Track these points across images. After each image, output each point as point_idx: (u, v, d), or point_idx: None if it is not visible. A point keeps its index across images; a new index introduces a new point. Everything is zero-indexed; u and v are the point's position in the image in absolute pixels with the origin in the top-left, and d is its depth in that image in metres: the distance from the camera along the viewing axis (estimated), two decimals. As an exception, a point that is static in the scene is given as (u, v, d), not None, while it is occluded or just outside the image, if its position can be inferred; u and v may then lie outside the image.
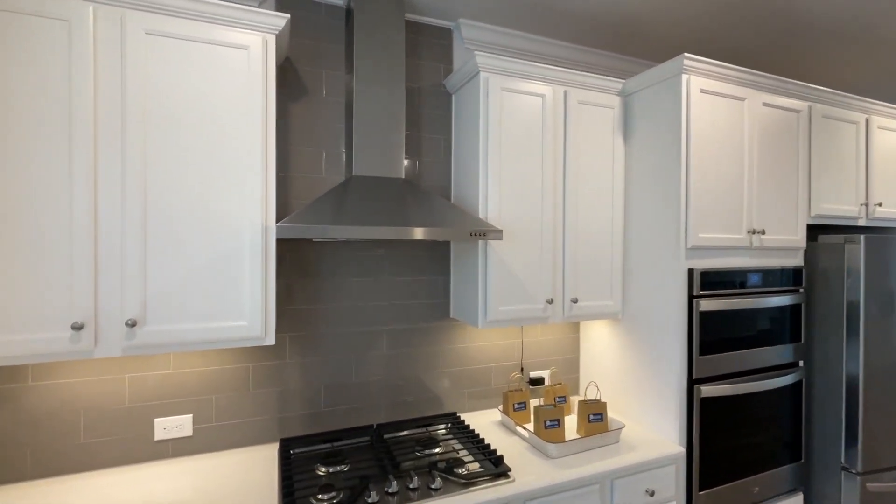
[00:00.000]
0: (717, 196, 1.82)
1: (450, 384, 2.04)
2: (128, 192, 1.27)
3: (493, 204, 1.76)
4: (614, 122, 1.99)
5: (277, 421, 1.76)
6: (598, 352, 2.20)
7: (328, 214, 1.40)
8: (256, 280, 1.41)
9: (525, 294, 1.81)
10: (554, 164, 1.87)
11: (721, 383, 1.80)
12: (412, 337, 1.97)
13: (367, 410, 1.90)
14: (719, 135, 1.82)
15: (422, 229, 1.46)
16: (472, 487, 1.43)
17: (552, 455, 1.64)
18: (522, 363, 2.20)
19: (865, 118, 2.23)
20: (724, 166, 1.83)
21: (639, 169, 1.95)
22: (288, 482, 1.40)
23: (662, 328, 1.83)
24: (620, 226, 2.01)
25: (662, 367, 1.83)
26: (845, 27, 2.07)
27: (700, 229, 1.78)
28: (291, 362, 1.78)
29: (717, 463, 1.80)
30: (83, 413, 1.51)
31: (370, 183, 1.65)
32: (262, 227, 1.41)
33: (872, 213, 2.25)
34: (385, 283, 1.93)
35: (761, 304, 1.90)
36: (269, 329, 1.44)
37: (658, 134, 1.85)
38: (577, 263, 1.91)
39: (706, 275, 1.78)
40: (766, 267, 1.93)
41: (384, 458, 1.57)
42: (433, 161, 2.01)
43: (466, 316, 1.88)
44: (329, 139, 1.83)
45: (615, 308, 2.00)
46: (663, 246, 1.82)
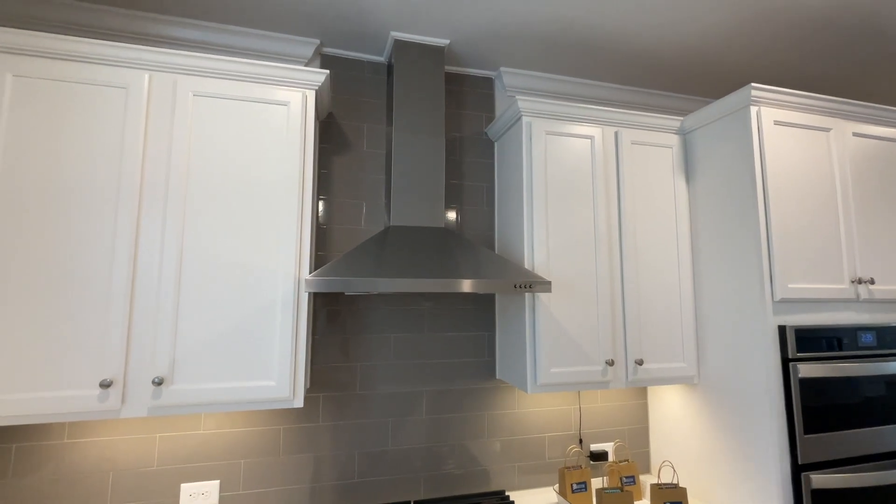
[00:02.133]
0: (806, 240, 1.56)
1: (497, 455, 1.81)
2: (166, 249, 1.27)
3: (539, 254, 1.61)
4: (674, 163, 1.82)
5: (308, 491, 1.61)
6: (671, 422, 1.88)
7: (363, 266, 1.32)
8: (287, 336, 1.33)
9: (581, 354, 1.60)
10: (607, 210, 1.71)
11: (837, 471, 1.44)
12: (454, 400, 1.80)
13: (404, 483, 1.71)
14: (801, 170, 1.59)
15: (462, 281, 1.34)
16: None
17: (621, 555, 1.35)
18: (581, 434, 1.93)
19: None
20: (811, 205, 1.58)
21: (706, 212, 1.73)
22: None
23: (751, 397, 1.52)
24: (689, 276, 1.77)
25: (756, 446, 1.50)
26: (946, 46, 1.81)
27: (789, 279, 1.51)
28: (324, 425, 1.65)
29: (844, 580, 1.40)
30: (112, 474, 1.46)
31: (408, 232, 1.58)
32: (294, 281, 1.36)
33: None
34: (425, 340, 1.79)
35: (881, 371, 1.54)
36: (297, 390, 1.34)
37: (727, 173, 1.65)
38: (640, 320, 1.69)
39: (802, 333, 1.49)
40: (881, 324, 1.59)
41: (420, 546, 1.36)
42: (476, 211, 1.92)
43: (514, 378, 1.68)
44: (369, 191, 1.80)
45: (689, 371, 1.72)
46: (745, 299, 1.56)
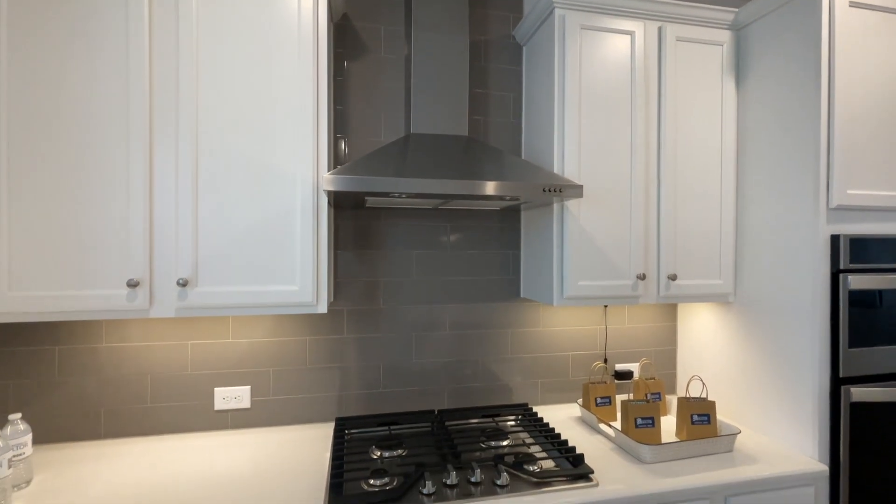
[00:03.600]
0: (872, 142, 1.40)
1: (521, 372, 1.82)
2: (181, 147, 1.23)
3: (570, 164, 1.51)
4: (724, 62, 1.63)
5: (335, 399, 1.66)
6: (701, 344, 1.83)
7: (384, 167, 1.25)
8: (308, 241, 1.30)
9: (610, 267, 1.54)
10: (646, 115, 1.57)
11: (880, 385, 1.38)
12: (478, 317, 1.78)
13: (427, 395, 1.74)
14: (876, 60, 1.40)
15: (489, 183, 1.26)
16: (545, 488, 1.20)
17: (646, 459, 1.35)
18: (606, 354, 1.90)
19: None
20: (881, 101, 1.41)
21: (758, 114, 1.57)
22: (338, 462, 1.28)
23: (793, 312, 1.44)
24: (732, 188, 1.64)
25: (793, 361, 1.44)
26: None
27: (849, 184, 1.37)
28: (349, 338, 1.67)
29: (875, 488, 1.38)
30: (151, 377, 1.52)
31: (430, 140, 1.49)
32: (313, 187, 1.31)
33: None
34: (448, 257, 1.75)
35: (940, 284, 1.43)
36: (320, 296, 1.33)
37: (786, 69, 1.47)
38: (675, 233, 1.59)
39: (858, 243, 1.37)
40: (946, 235, 1.46)
41: (444, 447, 1.39)
42: (502, 121, 1.80)
43: (539, 294, 1.64)
44: (388, 100, 1.70)
45: (725, 289, 1.64)
46: (794, 208, 1.44)
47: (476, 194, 1.25)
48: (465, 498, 1.15)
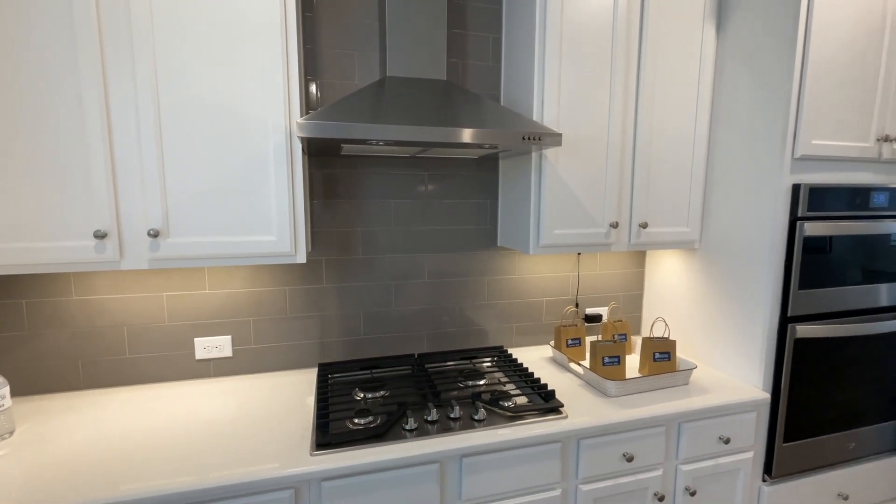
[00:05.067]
0: (842, 94, 1.44)
1: (496, 317, 1.89)
2: (140, 91, 1.14)
3: (549, 110, 1.49)
4: (706, 7, 1.60)
5: (317, 346, 1.70)
6: (666, 289, 1.94)
7: (360, 113, 1.21)
8: (283, 190, 1.27)
9: (585, 216, 1.57)
10: (626, 61, 1.55)
11: (821, 323, 1.51)
12: (456, 265, 1.81)
13: (407, 340, 1.80)
14: (851, 11, 1.41)
15: (469, 130, 1.24)
16: (519, 421, 1.29)
17: (611, 393, 1.46)
18: (577, 298, 2.00)
19: None
20: (852, 54, 1.43)
21: (735, 64, 1.57)
22: (324, 404, 1.33)
23: (751, 257, 1.54)
24: (705, 138, 1.67)
25: (748, 302, 1.55)
26: None
27: (813, 134, 1.42)
28: (329, 287, 1.68)
29: (808, 413, 1.55)
30: (127, 329, 1.51)
31: (408, 83, 1.43)
32: (285, 130, 1.26)
33: None
34: (426, 206, 1.75)
35: (884, 231, 1.54)
36: (298, 245, 1.32)
37: (765, 13, 1.46)
38: (648, 182, 1.63)
39: (816, 192, 1.45)
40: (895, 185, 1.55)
41: (425, 388, 1.47)
42: (480, 64, 1.74)
43: (516, 242, 1.67)
44: (362, 40, 1.60)
45: (691, 236, 1.72)
46: (761, 158, 1.49)
47: (456, 142, 1.24)
48: (445, 432, 1.23)
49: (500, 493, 1.25)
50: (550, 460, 1.29)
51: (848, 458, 1.65)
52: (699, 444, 1.45)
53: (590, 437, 1.32)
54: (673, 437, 1.43)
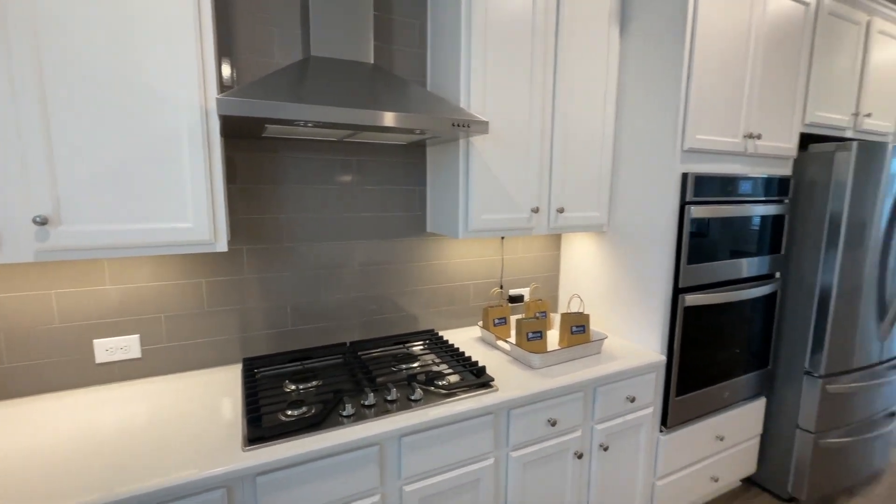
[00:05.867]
0: (718, 96, 1.68)
1: (427, 302, 1.93)
2: (15, 55, 0.98)
3: (475, 99, 1.54)
4: (611, 10, 1.76)
5: (239, 341, 1.61)
6: (579, 269, 2.12)
7: (284, 92, 1.15)
8: (199, 173, 1.18)
9: (510, 202, 1.66)
10: (545, 55, 1.65)
11: (704, 293, 1.77)
12: (386, 252, 1.82)
13: (338, 330, 1.77)
14: (726, 23, 1.64)
15: (399, 115, 1.25)
16: (453, 397, 1.35)
17: (535, 366, 1.58)
18: (502, 280, 2.11)
19: (868, 19, 2.09)
20: (727, 60, 1.67)
21: (636, 65, 1.76)
22: (253, 399, 1.27)
23: (650, 238, 1.75)
24: (611, 129, 1.85)
25: (648, 277, 1.77)
26: None
27: (698, 130, 1.65)
28: (251, 278, 1.59)
29: (694, 370, 1.82)
30: (4, 333, 1.30)
31: (333, 64, 1.39)
32: (200, 108, 1.16)
33: (861, 124, 2.19)
34: (354, 193, 1.72)
35: (749, 213, 1.84)
36: (219, 233, 1.24)
37: (660, 21, 1.64)
38: (564, 170, 1.76)
39: (700, 180, 1.68)
40: (757, 174, 1.85)
41: (359, 374, 1.46)
42: (406, 50, 1.74)
43: (445, 227, 1.72)
44: (282, 15, 1.52)
45: (601, 220, 1.90)
46: (657, 150, 1.69)
47: (387, 126, 1.24)
48: (383, 414, 1.25)
49: (438, 467, 1.30)
50: (484, 431, 1.36)
51: (724, 405, 1.96)
52: (611, 404, 1.62)
53: (519, 407, 1.42)
54: (590, 401, 1.59)
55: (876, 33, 2.14)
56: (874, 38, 2.13)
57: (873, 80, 2.18)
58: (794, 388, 2.07)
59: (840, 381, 2.03)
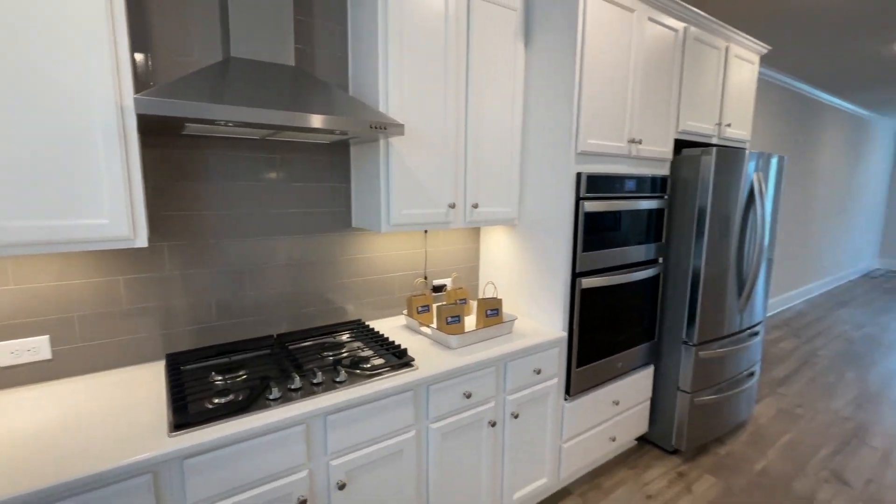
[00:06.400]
0: (605, 105, 1.95)
1: (354, 294, 2.03)
2: None
3: (394, 103, 1.67)
4: (517, 26, 1.97)
5: (162, 338, 1.61)
6: (496, 259, 2.33)
7: (204, 92, 1.20)
8: (116, 171, 1.19)
9: (428, 198, 1.81)
10: (457, 64, 1.81)
11: (598, 276, 2.05)
12: (312, 247, 1.89)
13: (267, 324, 1.82)
14: (611, 44, 1.91)
15: (319, 116, 1.34)
16: (377, 377, 1.47)
17: (453, 346, 1.75)
18: (426, 272, 2.26)
19: (726, 46, 2.50)
20: (612, 76, 1.95)
21: (539, 76, 1.98)
22: (178, 390, 1.31)
23: (552, 229, 1.98)
24: (519, 132, 2.06)
25: (551, 265, 2.00)
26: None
27: (589, 136, 1.90)
28: (173, 274, 1.60)
29: (591, 344, 2.09)
30: None
31: (254, 66, 1.45)
32: (116, 106, 1.18)
33: (723, 132, 2.61)
34: (279, 190, 1.78)
35: (634, 207, 2.15)
36: (138, 229, 1.26)
37: (557, 39, 1.88)
38: (478, 169, 1.95)
39: (592, 178, 1.94)
40: (640, 174, 2.16)
41: (286, 363, 1.54)
42: (328, 53, 1.82)
43: (369, 222, 1.83)
44: (200, 14, 1.54)
45: (513, 214, 2.11)
46: (557, 152, 1.93)
47: (308, 127, 1.33)
48: (309, 396, 1.34)
49: (363, 441, 1.42)
50: (405, 407, 1.50)
51: (618, 374, 2.27)
52: (520, 377, 1.84)
53: (437, 383, 1.58)
54: (501, 375, 1.78)
55: (733, 57, 2.56)
56: (732, 60, 2.56)
57: (732, 95, 2.61)
58: (675, 356, 2.43)
59: (710, 347, 2.42)
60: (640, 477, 2.33)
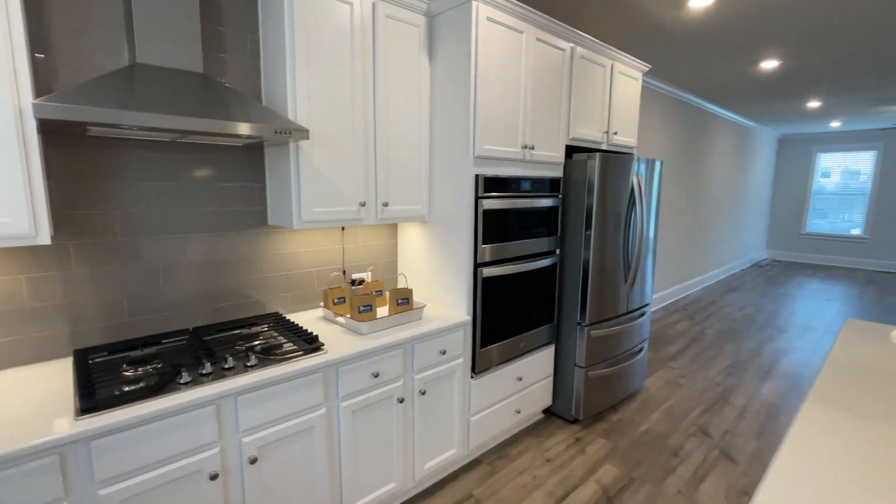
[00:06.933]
0: (500, 114, 2.20)
1: (273, 289, 2.14)
2: None
3: (302, 108, 1.81)
4: (420, 40, 2.17)
5: (70, 335, 1.64)
6: (412, 253, 2.53)
7: (109, 97, 1.28)
8: (15, 170, 1.24)
9: (339, 196, 1.97)
10: (363, 74, 1.98)
11: (498, 266, 2.31)
12: (229, 244, 1.98)
13: (182, 319, 1.88)
14: (503, 61, 2.17)
15: (225, 122, 1.45)
16: (287, 361, 1.61)
17: (364, 332, 1.92)
18: (344, 266, 2.41)
19: (611, 63, 2.87)
20: (506, 89, 2.21)
21: (442, 85, 2.20)
22: (86, 380, 1.37)
23: (457, 225, 2.21)
24: (427, 137, 2.27)
25: (457, 256, 2.23)
26: (599, -17, 2.58)
27: (485, 142, 2.15)
28: (80, 272, 1.63)
29: (494, 327, 2.35)
30: None
31: (161, 72, 1.53)
32: (14, 108, 1.23)
33: (611, 139, 2.98)
34: (194, 189, 1.85)
35: (529, 205, 2.43)
36: (40, 226, 1.31)
37: (455, 54, 2.10)
38: (388, 170, 2.13)
39: (489, 180, 2.19)
40: (535, 176, 2.45)
41: (200, 352, 1.63)
42: (240, 61, 1.92)
43: (283, 220, 1.95)
44: (105, 18, 1.59)
45: (423, 211, 2.32)
46: (458, 155, 2.15)
47: (212, 132, 1.44)
48: (219, 379, 1.46)
49: (274, 419, 1.56)
50: (315, 387, 1.65)
51: (520, 353, 2.55)
52: (427, 357, 2.04)
53: (345, 364, 1.74)
54: (409, 356, 1.98)
55: (618, 73, 2.94)
56: (617, 76, 2.93)
57: (618, 106, 2.99)
58: (572, 335, 2.76)
59: (601, 327, 2.78)
60: (543, 444, 2.63)
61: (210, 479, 1.42)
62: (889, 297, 6.26)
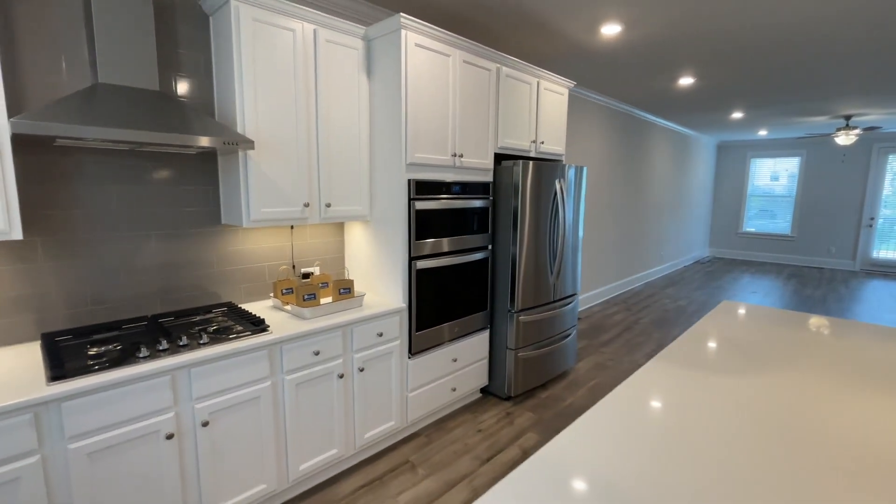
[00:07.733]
0: (430, 127, 2.53)
1: (227, 282, 2.38)
2: None
3: (250, 121, 2.07)
4: (359, 61, 2.47)
5: (34, 322, 1.84)
6: (357, 249, 2.82)
7: (75, 114, 1.52)
8: (-9, 175, 1.46)
9: (284, 198, 2.24)
10: (307, 91, 2.26)
11: (430, 259, 2.63)
12: (185, 241, 2.21)
13: (142, 308, 2.10)
14: (432, 80, 2.49)
15: (178, 135, 1.71)
16: (235, 340, 1.87)
17: (307, 317, 2.20)
18: (294, 261, 2.67)
19: (537, 81, 3.25)
20: (435, 104, 2.53)
21: (379, 101, 2.50)
22: (55, 355, 1.60)
23: (395, 224, 2.52)
24: (367, 146, 2.57)
25: (394, 251, 2.54)
26: (533, 18, 2.94)
27: (416, 151, 2.46)
28: (46, 266, 1.84)
29: (429, 313, 2.66)
30: None
31: (121, 91, 1.77)
32: (-9, 124, 1.45)
33: (538, 148, 3.36)
34: (152, 192, 2.08)
35: (461, 205, 2.76)
36: (13, 223, 1.53)
37: (389, 75, 2.41)
38: (331, 175, 2.41)
39: (420, 184, 2.51)
40: (465, 181, 2.79)
41: (158, 334, 1.87)
42: (194, 79, 2.16)
43: (234, 219, 2.21)
44: (69, 42, 1.81)
45: (364, 212, 2.61)
46: (394, 163, 2.46)
47: (165, 143, 1.69)
48: (175, 354, 1.71)
49: (224, 389, 1.81)
50: (261, 362, 1.92)
51: (455, 337, 2.87)
52: (365, 339, 2.34)
53: (288, 343, 2.01)
54: (348, 337, 2.27)
55: (543, 90, 3.32)
56: (543, 92, 3.31)
57: (545, 119, 3.37)
58: (504, 321, 3.11)
59: (529, 314, 3.14)
60: (477, 418, 2.97)
61: (167, 439, 1.67)
62: (805, 289, 6.97)
